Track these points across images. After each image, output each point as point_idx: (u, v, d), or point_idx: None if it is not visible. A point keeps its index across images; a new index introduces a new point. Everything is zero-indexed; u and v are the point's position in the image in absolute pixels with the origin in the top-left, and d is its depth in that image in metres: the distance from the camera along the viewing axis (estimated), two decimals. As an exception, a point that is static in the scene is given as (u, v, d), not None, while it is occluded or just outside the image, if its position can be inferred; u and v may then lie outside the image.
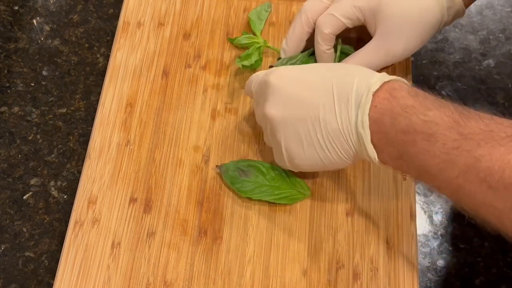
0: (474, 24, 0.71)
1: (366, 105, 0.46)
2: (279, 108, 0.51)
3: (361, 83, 0.47)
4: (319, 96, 0.49)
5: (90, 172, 0.60)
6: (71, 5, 0.71)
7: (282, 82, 0.51)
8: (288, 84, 0.51)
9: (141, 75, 0.65)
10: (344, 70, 0.51)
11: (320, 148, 0.50)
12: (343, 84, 0.48)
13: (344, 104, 0.48)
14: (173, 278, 0.55)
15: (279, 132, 0.52)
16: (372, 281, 0.55)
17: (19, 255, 0.58)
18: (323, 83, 0.49)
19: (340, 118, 0.48)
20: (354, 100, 0.47)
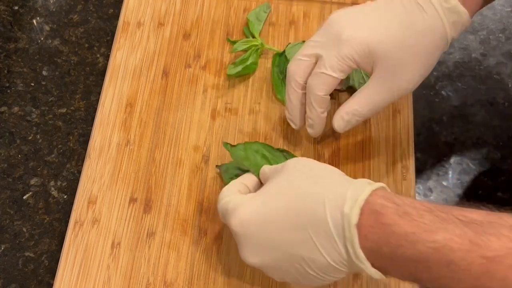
0: (474, 24, 0.71)
1: (354, 240, 0.41)
2: (255, 256, 0.46)
3: (334, 211, 0.42)
4: (292, 235, 0.44)
5: (90, 172, 0.60)
6: (71, 5, 0.71)
7: (245, 230, 0.46)
8: (252, 231, 0.46)
9: (141, 75, 0.65)
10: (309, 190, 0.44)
11: (316, 278, 0.45)
12: (314, 217, 0.43)
13: (326, 240, 0.42)
14: (173, 278, 0.55)
15: (268, 273, 0.48)
16: (372, 281, 0.55)
17: (19, 255, 0.58)
18: (291, 220, 0.44)
19: (328, 255, 0.43)
20: (335, 234, 0.42)
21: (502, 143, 0.65)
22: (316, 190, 0.44)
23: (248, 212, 0.46)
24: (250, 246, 0.46)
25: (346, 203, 0.41)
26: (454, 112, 0.66)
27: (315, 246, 0.43)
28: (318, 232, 0.42)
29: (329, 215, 0.42)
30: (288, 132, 0.62)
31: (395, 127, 0.62)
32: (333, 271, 0.44)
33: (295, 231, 0.43)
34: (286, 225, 0.44)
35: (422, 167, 0.63)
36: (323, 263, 0.43)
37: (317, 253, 0.43)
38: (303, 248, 0.43)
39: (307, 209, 0.43)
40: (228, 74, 0.64)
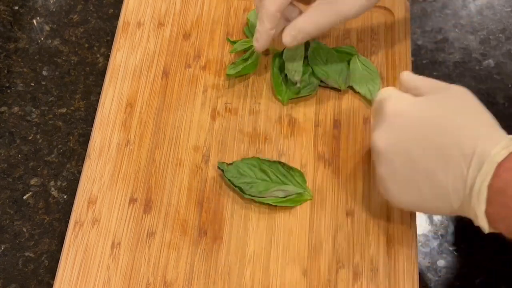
0: (474, 24, 0.71)
1: (488, 174, 0.42)
2: (386, 141, 0.49)
3: (484, 146, 0.43)
4: (434, 141, 0.46)
5: (90, 172, 0.60)
6: (71, 5, 0.71)
7: (397, 118, 0.49)
8: (402, 123, 0.48)
9: (141, 75, 0.65)
10: (468, 119, 0.46)
11: (417, 194, 0.47)
12: (465, 139, 0.44)
13: (462, 166, 0.44)
14: (173, 278, 0.55)
15: (380, 163, 0.50)
16: (372, 281, 0.55)
17: (19, 255, 0.58)
18: (443, 129, 0.46)
19: (453, 178, 0.45)
20: (475, 164, 0.43)
21: (502, 143, 0.65)
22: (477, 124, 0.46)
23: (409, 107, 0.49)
24: (388, 131, 0.49)
25: (499, 145, 0.43)
26: (454, 112, 0.66)
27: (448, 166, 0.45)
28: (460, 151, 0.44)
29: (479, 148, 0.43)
30: (288, 132, 0.62)
31: (395, 127, 0.62)
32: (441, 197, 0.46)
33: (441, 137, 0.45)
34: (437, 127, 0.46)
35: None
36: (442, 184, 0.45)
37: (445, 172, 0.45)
38: (435, 162, 0.45)
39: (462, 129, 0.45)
40: (228, 74, 0.64)
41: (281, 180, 0.58)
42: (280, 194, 0.57)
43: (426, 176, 0.46)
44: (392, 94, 0.51)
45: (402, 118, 0.49)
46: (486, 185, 0.42)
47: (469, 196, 0.44)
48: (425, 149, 0.46)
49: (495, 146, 0.43)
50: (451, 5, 0.72)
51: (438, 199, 0.46)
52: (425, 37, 0.70)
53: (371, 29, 0.68)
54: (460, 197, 0.45)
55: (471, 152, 0.44)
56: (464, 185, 0.44)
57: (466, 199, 0.44)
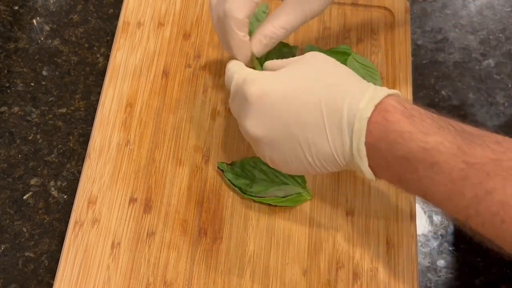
0: (474, 24, 0.71)
1: (361, 132, 0.43)
2: (262, 127, 0.47)
3: (352, 103, 0.44)
4: (307, 115, 0.45)
5: (90, 172, 0.60)
6: (71, 5, 0.71)
7: (262, 99, 0.47)
8: (271, 102, 0.47)
9: (141, 75, 0.65)
10: (333, 82, 0.46)
11: (309, 165, 0.47)
12: (333, 104, 0.45)
13: (336, 128, 0.45)
14: (173, 278, 0.55)
15: (263, 150, 0.49)
16: (372, 281, 0.55)
17: (19, 255, 0.58)
18: (311, 100, 0.45)
19: (333, 143, 0.45)
20: (347, 124, 0.44)
21: (502, 143, 0.65)
22: (340, 82, 0.46)
23: (268, 83, 0.47)
24: (258, 116, 0.47)
25: (364, 100, 0.44)
26: (454, 112, 0.66)
27: (324, 130, 0.45)
28: (332, 119, 0.45)
29: (346, 106, 0.44)
30: (288, 132, 0.62)
31: (395, 127, 0.62)
32: (330, 162, 0.46)
33: (311, 112, 0.45)
34: (303, 104, 0.46)
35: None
36: (325, 150, 0.46)
37: (323, 137, 0.45)
38: (312, 130, 0.45)
39: (328, 96, 0.45)
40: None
41: (281, 180, 0.58)
42: (280, 193, 0.57)
43: (311, 149, 0.46)
44: (248, 76, 0.49)
45: (269, 97, 0.47)
46: (363, 142, 0.44)
47: (351, 155, 0.45)
48: (301, 122, 0.46)
49: (361, 100, 0.44)
50: (451, 5, 0.72)
51: (327, 163, 0.47)
52: (425, 37, 0.70)
53: (371, 29, 0.68)
54: (346, 156, 0.46)
55: (341, 111, 0.44)
56: (344, 146, 0.45)
57: (350, 157, 0.45)
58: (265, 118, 0.47)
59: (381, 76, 0.65)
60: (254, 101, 0.47)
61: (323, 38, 0.67)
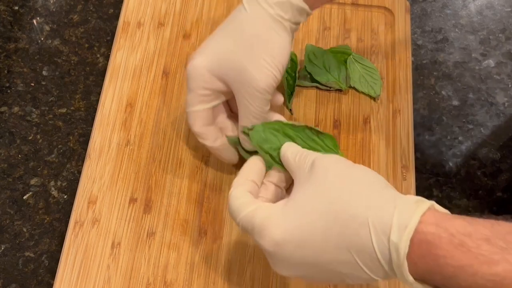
0: (474, 24, 0.71)
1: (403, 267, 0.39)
2: (290, 271, 0.44)
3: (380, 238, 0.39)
4: (334, 256, 0.42)
5: (90, 172, 0.60)
6: (71, 5, 0.71)
7: (281, 251, 0.43)
8: (289, 252, 0.43)
9: (141, 75, 0.65)
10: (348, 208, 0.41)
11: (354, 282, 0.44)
12: (357, 241, 0.40)
13: (371, 262, 0.40)
14: (173, 278, 0.55)
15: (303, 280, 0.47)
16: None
17: (19, 255, 0.58)
18: (331, 240, 0.41)
19: (372, 273, 0.41)
20: (382, 259, 0.40)
21: (502, 143, 0.65)
22: (359, 211, 0.41)
23: (282, 232, 0.43)
24: (284, 264, 0.44)
25: (393, 230, 0.39)
26: (454, 112, 0.66)
27: (358, 266, 0.41)
28: (363, 254, 0.40)
29: (375, 241, 0.40)
30: (288, 132, 0.62)
31: (395, 127, 0.62)
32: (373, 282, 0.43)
33: (337, 251, 0.41)
34: (326, 246, 0.42)
35: (422, 167, 0.63)
36: (364, 277, 0.42)
37: (360, 271, 0.41)
38: (345, 266, 0.42)
39: (350, 231, 0.41)
40: None
41: (310, 146, 0.52)
42: None
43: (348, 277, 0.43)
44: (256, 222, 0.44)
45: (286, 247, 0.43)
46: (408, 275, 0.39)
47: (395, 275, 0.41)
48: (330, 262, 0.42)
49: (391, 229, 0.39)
50: (451, 5, 0.72)
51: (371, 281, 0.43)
52: (425, 37, 0.70)
53: (371, 29, 0.68)
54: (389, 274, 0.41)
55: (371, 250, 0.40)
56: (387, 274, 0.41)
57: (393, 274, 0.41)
58: (290, 264, 0.44)
59: (381, 76, 0.65)
60: (271, 252, 0.43)
61: (323, 38, 0.67)
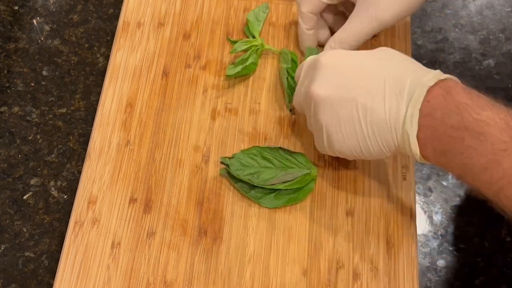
0: (474, 24, 0.71)
1: (419, 99, 0.46)
2: (326, 87, 0.50)
3: (415, 78, 0.47)
4: (370, 83, 0.48)
5: (90, 172, 0.60)
6: (71, 5, 0.71)
7: (333, 62, 0.51)
8: (339, 66, 0.50)
9: (141, 75, 0.65)
10: (398, 63, 0.50)
11: (362, 137, 0.49)
12: (397, 77, 0.48)
13: (395, 96, 0.47)
14: (173, 278, 0.55)
15: (322, 113, 0.51)
16: (372, 281, 0.55)
17: (19, 255, 0.58)
18: (376, 72, 0.49)
19: (389, 109, 0.47)
20: (407, 93, 0.47)
21: (502, 143, 0.64)
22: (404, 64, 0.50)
23: (341, 52, 0.53)
24: (326, 77, 0.50)
25: (428, 76, 0.47)
26: (454, 112, 0.66)
27: (383, 96, 0.48)
28: (394, 87, 0.47)
29: (410, 78, 0.47)
30: (288, 132, 0.62)
31: (395, 127, 0.62)
32: (381, 132, 0.48)
33: (373, 79, 0.48)
34: (370, 72, 0.49)
35: (422, 167, 0.63)
36: (380, 116, 0.48)
37: (381, 104, 0.48)
38: (372, 96, 0.48)
39: (393, 68, 0.49)
40: (227, 75, 0.64)
41: (285, 165, 0.58)
42: (288, 177, 0.57)
43: (366, 114, 0.48)
44: (324, 52, 0.54)
45: (338, 63, 0.51)
46: (418, 109, 0.46)
47: (403, 123, 0.47)
48: (362, 86, 0.49)
49: (426, 75, 0.47)
50: (451, 5, 0.72)
51: (379, 133, 0.49)
52: (425, 37, 0.70)
53: (371, 29, 0.68)
54: (398, 126, 0.47)
55: (404, 82, 0.47)
56: (399, 113, 0.47)
57: (401, 127, 0.47)
58: (331, 80, 0.50)
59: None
60: (325, 66, 0.51)
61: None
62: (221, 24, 0.68)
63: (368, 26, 0.57)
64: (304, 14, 0.60)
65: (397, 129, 0.47)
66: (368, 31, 0.58)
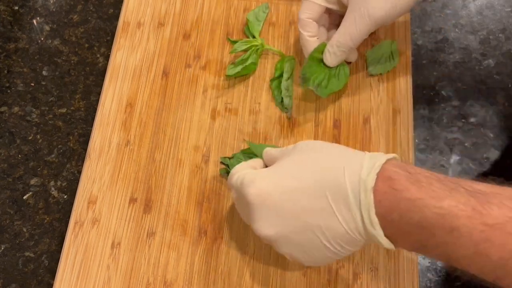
0: (474, 24, 0.71)
1: (370, 205, 0.42)
2: (272, 227, 0.47)
3: (352, 177, 0.43)
4: (312, 203, 0.45)
5: (90, 172, 0.60)
6: (71, 5, 0.72)
7: (264, 200, 0.46)
8: (272, 201, 0.46)
9: (141, 75, 0.65)
10: (328, 163, 0.46)
11: (329, 251, 0.46)
12: (334, 183, 0.44)
13: (344, 206, 0.44)
14: (173, 278, 0.55)
15: (280, 247, 0.48)
16: (372, 281, 0.55)
17: (19, 255, 0.58)
18: (310, 188, 0.45)
19: (345, 222, 0.44)
20: (353, 199, 0.43)
21: (502, 143, 0.65)
22: (335, 161, 0.45)
23: (266, 182, 0.47)
24: (266, 217, 0.47)
25: (363, 170, 0.43)
26: (454, 112, 0.66)
27: (333, 212, 0.44)
28: (337, 198, 0.44)
29: (348, 181, 0.43)
30: (288, 132, 0.62)
31: (395, 127, 0.62)
32: (347, 241, 0.45)
33: (315, 199, 0.45)
34: (306, 193, 0.45)
35: (422, 165, 0.63)
36: (339, 231, 0.44)
37: (335, 219, 0.44)
38: (321, 215, 0.45)
39: (327, 177, 0.45)
40: (227, 75, 0.64)
41: None
42: None
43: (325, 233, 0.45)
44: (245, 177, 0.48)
45: (269, 196, 0.46)
46: (374, 214, 0.42)
47: (365, 229, 0.44)
48: (308, 211, 0.45)
49: (361, 170, 0.43)
50: (451, 5, 0.72)
51: (345, 243, 0.45)
52: (425, 37, 0.70)
53: (371, 29, 0.68)
54: (361, 232, 0.44)
55: (344, 188, 0.43)
56: (356, 222, 0.44)
57: (364, 232, 0.44)
58: (271, 217, 0.46)
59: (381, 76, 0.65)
60: (256, 203, 0.47)
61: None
62: (221, 24, 0.68)
63: (362, 24, 0.57)
64: (304, 21, 0.60)
65: (362, 234, 0.44)
66: (363, 29, 0.57)
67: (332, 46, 0.59)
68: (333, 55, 0.59)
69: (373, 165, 0.43)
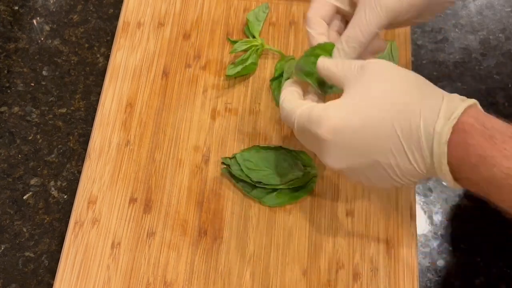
0: (474, 24, 0.71)
1: (442, 155, 0.43)
2: (343, 162, 0.47)
3: (428, 126, 0.43)
4: (384, 142, 0.45)
5: (90, 172, 0.60)
6: (71, 5, 0.71)
7: (337, 137, 0.46)
8: (345, 138, 0.46)
9: (141, 75, 0.65)
10: (403, 101, 0.45)
11: (396, 182, 0.47)
12: (408, 128, 0.44)
13: (416, 150, 0.44)
14: (173, 278, 0.55)
15: (350, 178, 0.49)
16: (372, 281, 0.55)
17: (19, 255, 0.58)
18: (385, 128, 0.45)
19: (415, 162, 0.45)
20: (426, 147, 0.44)
21: (502, 143, 0.64)
22: (411, 100, 0.45)
23: (340, 118, 0.46)
24: (338, 152, 0.47)
25: (439, 120, 0.43)
26: (454, 112, 0.66)
27: (405, 154, 0.45)
28: (409, 139, 0.44)
29: (423, 129, 0.43)
30: (288, 132, 0.62)
31: (395, 127, 0.62)
32: (414, 175, 0.46)
33: (388, 139, 0.45)
34: (380, 133, 0.45)
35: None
36: (409, 167, 0.45)
37: (405, 158, 0.45)
38: (393, 155, 0.45)
39: (403, 119, 0.44)
40: (227, 75, 0.64)
41: (286, 164, 0.59)
42: (290, 177, 0.58)
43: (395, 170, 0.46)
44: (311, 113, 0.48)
45: (341, 134, 0.46)
46: (445, 164, 0.43)
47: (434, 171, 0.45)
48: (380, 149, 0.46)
49: (437, 120, 0.43)
50: (451, 5, 0.72)
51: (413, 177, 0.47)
52: (425, 37, 0.70)
53: (371, 29, 0.68)
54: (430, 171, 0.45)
55: (418, 135, 0.44)
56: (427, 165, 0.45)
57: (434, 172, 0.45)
58: (343, 153, 0.47)
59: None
60: (328, 140, 0.46)
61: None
62: (221, 24, 0.68)
63: (373, 15, 0.52)
64: (312, 19, 0.55)
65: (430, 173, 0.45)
66: (374, 21, 0.52)
67: (341, 42, 0.54)
68: (342, 52, 0.54)
69: (451, 115, 0.43)
